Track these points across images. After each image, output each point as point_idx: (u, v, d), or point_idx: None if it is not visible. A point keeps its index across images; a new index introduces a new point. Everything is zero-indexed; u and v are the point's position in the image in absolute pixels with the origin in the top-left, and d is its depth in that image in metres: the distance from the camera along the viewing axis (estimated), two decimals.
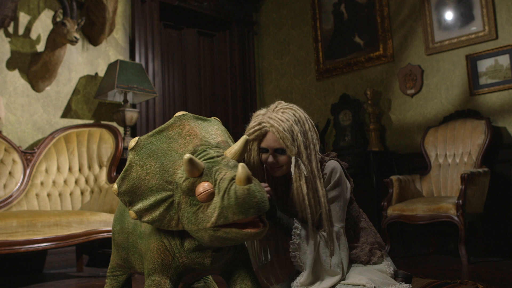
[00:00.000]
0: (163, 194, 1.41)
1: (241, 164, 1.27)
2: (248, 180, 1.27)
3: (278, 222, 1.63)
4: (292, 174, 1.62)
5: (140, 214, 1.42)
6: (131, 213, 1.43)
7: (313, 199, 1.63)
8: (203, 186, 1.32)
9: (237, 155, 1.40)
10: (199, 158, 1.39)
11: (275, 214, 1.61)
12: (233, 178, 1.29)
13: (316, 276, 1.63)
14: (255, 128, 1.64)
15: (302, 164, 1.60)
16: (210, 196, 1.32)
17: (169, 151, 1.43)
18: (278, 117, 1.61)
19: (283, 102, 1.70)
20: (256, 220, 1.31)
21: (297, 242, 1.60)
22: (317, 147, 1.68)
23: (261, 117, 1.65)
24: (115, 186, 1.43)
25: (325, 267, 1.62)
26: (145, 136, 1.47)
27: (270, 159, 1.64)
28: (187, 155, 1.30)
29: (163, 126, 1.49)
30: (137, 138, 1.46)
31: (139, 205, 1.42)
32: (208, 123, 1.58)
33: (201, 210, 1.33)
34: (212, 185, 1.32)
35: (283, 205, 1.75)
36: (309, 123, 1.68)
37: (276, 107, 1.68)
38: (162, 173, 1.41)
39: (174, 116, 1.52)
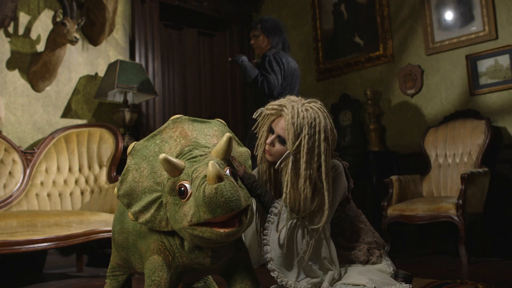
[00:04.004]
0: (154, 195, 1.46)
1: (211, 162, 1.26)
2: (217, 179, 1.25)
3: (257, 195, 1.64)
4: (276, 165, 1.61)
5: (136, 215, 1.47)
6: (130, 215, 1.48)
7: (289, 199, 1.59)
8: (183, 185, 1.34)
9: (221, 154, 1.39)
10: (183, 158, 1.41)
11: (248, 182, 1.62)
12: (205, 176, 1.29)
13: (289, 262, 1.59)
14: (275, 106, 1.65)
15: (290, 163, 1.56)
16: (189, 195, 1.33)
17: (160, 154, 1.45)
18: (297, 110, 1.58)
19: (318, 101, 1.66)
20: (233, 219, 1.30)
21: (271, 221, 1.60)
22: (328, 158, 1.60)
23: (286, 101, 1.64)
24: (115, 189, 1.50)
25: (299, 258, 1.59)
26: (141, 140, 1.53)
27: (269, 141, 1.66)
28: (162, 155, 1.33)
29: (158, 129, 1.54)
30: (134, 143, 1.52)
31: (135, 207, 1.47)
32: (206, 124, 1.60)
33: (181, 209, 1.34)
34: (189, 183, 1.33)
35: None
36: (328, 134, 1.60)
37: (309, 102, 1.65)
38: (153, 175, 1.46)
39: (170, 119, 1.56)
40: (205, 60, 5.14)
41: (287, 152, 1.58)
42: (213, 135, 1.58)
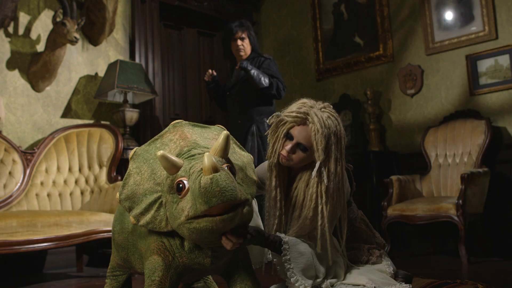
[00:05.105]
0: (154, 196, 1.47)
1: (206, 154, 1.27)
2: (212, 170, 1.26)
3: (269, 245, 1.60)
4: (312, 177, 1.60)
5: (137, 218, 1.48)
6: (131, 218, 1.49)
7: (327, 211, 1.59)
8: (181, 182, 1.35)
9: (219, 151, 1.39)
10: (182, 157, 1.43)
11: (263, 239, 1.56)
12: (202, 169, 1.30)
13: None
14: (299, 115, 1.60)
15: (324, 173, 1.58)
16: (187, 190, 1.34)
17: None
18: (323, 119, 1.58)
19: (331, 106, 1.67)
20: (229, 211, 1.29)
21: (288, 258, 1.57)
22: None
23: (307, 108, 1.61)
24: (117, 194, 1.51)
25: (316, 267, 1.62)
26: (143, 146, 1.57)
27: (288, 147, 1.62)
28: (159, 152, 1.34)
29: (158, 134, 1.57)
30: (135, 148, 1.56)
31: (136, 210, 1.48)
32: (206, 129, 1.62)
33: (179, 205, 1.35)
34: (187, 179, 1.34)
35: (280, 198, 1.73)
36: (345, 140, 1.67)
37: (324, 107, 1.64)
38: (153, 176, 1.48)
39: (170, 124, 1.59)
40: (205, 60, 5.14)
41: (319, 162, 1.58)
42: (212, 138, 1.59)
